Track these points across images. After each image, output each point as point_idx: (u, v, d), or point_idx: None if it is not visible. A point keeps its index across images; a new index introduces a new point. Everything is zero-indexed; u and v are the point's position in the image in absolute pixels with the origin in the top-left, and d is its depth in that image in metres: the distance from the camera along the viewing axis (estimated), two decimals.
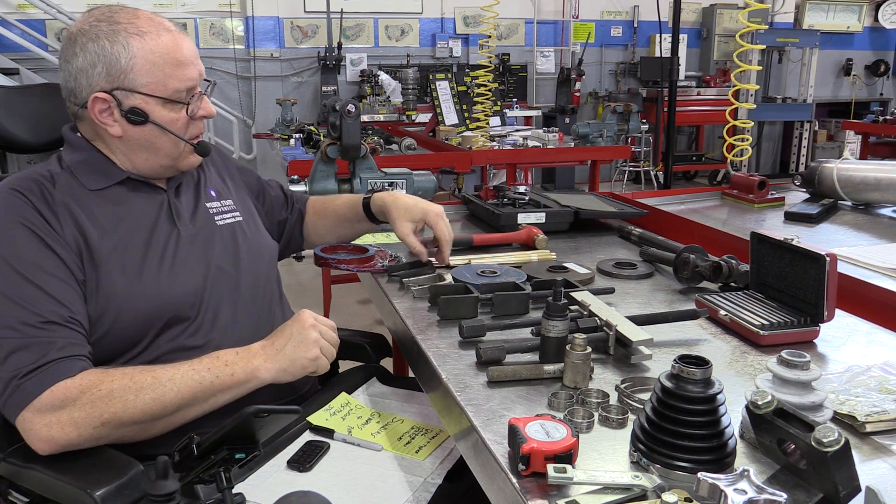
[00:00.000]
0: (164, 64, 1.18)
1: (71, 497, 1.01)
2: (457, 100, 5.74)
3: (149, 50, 1.18)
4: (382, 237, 1.80)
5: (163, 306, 1.17)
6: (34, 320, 1.06)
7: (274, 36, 7.29)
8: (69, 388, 1.04)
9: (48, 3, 6.12)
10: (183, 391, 1.08)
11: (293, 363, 1.13)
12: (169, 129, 1.21)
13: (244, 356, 1.12)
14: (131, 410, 1.05)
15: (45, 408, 1.02)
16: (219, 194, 1.39)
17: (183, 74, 1.20)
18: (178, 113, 1.22)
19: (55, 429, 1.03)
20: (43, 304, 1.07)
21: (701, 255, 1.42)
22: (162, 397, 1.06)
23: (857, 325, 1.24)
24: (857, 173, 2.13)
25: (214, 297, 1.24)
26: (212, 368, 1.10)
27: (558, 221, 1.88)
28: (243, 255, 1.32)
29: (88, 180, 1.21)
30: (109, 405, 1.04)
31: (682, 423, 0.77)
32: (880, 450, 0.84)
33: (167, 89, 1.19)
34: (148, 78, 1.18)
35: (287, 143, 4.48)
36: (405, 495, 1.10)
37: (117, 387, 1.05)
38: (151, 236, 1.22)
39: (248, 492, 1.08)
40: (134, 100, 1.18)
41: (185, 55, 1.21)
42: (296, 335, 1.14)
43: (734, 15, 8.21)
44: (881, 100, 8.84)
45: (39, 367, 1.03)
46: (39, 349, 1.05)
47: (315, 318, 1.16)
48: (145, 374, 1.08)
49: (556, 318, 1.03)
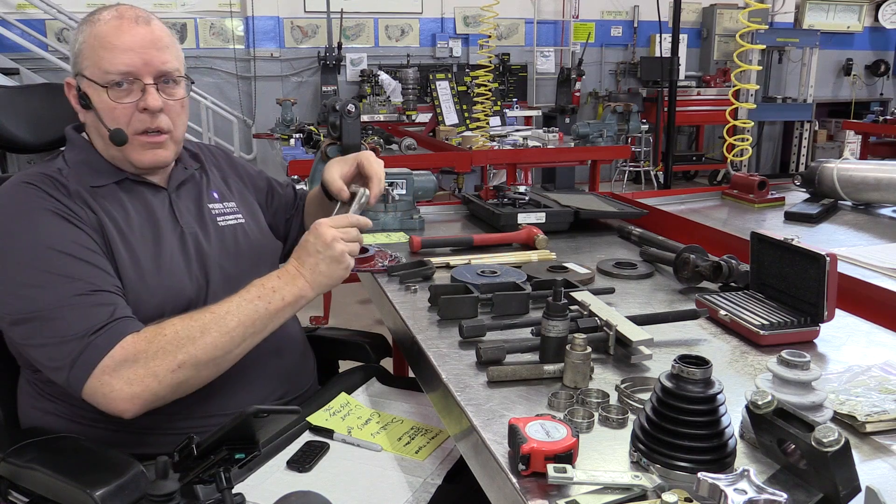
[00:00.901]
0: (99, 46, 1.19)
1: (71, 497, 1.01)
2: (457, 100, 5.74)
3: (91, 34, 1.20)
4: (382, 237, 1.80)
5: (164, 304, 1.18)
6: (89, 289, 1.09)
7: (274, 36, 7.29)
8: (137, 340, 1.06)
9: (48, 3, 6.12)
10: (244, 320, 1.12)
11: (331, 278, 1.19)
12: (99, 116, 1.21)
13: (287, 280, 1.17)
14: (202, 347, 1.08)
15: (119, 365, 1.04)
16: (221, 196, 1.39)
17: (114, 59, 1.18)
18: (117, 101, 1.20)
19: (136, 384, 1.04)
20: (95, 275, 1.11)
21: (701, 255, 1.42)
22: (226, 329, 1.10)
23: (857, 325, 1.24)
24: (857, 173, 2.13)
25: (214, 297, 1.24)
26: (262, 296, 1.14)
27: (558, 221, 1.88)
28: (244, 256, 1.33)
29: (89, 178, 1.23)
30: (181, 347, 1.07)
31: (682, 423, 0.77)
32: (880, 450, 0.84)
33: (100, 72, 1.19)
34: (88, 61, 1.21)
35: (287, 143, 4.48)
36: (405, 495, 1.10)
37: (181, 328, 1.08)
38: (154, 234, 1.23)
39: (248, 492, 1.08)
40: (83, 84, 1.22)
41: (123, 40, 1.19)
42: (324, 251, 1.17)
43: (734, 15, 8.22)
44: (881, 100, 8.84)
45: (107, 325, 1.06)
46: (102, 310, 1.07)
47: (334, 225, 1.19)
48: (203, 313, 1.12)
49: (556, 318, 1.03)
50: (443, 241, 1.70)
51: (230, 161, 1.51)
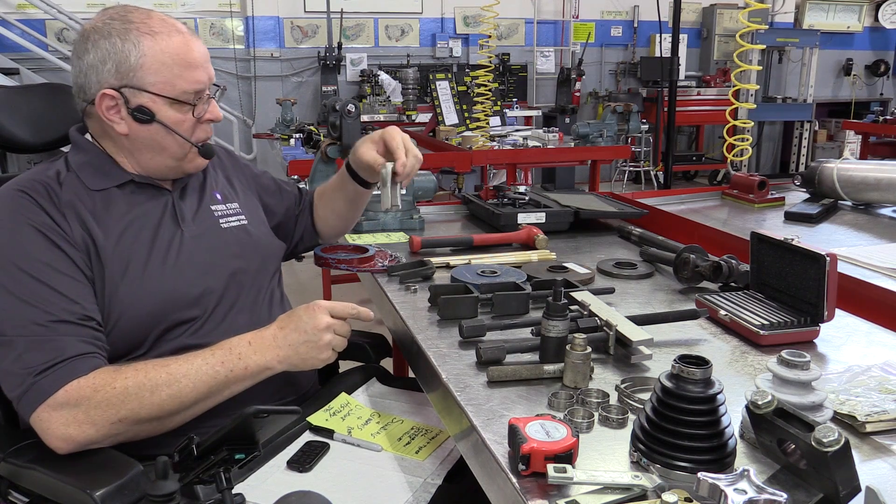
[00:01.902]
0: (174, 64, 1.19)
1: (71, 497, 1.01)
2: (457, 100, 5.74)
3: (159, 50, 1.18)
4: (382, 237, 1.80)
5: (165, 306, 1.18)
6: (46, 319, 1.07)
7: (274, 36, 7.29)
8: (82, 386, 1.04)
9: (48, 3, 6.11)
10: (199, 386, 1.09)
11: (304, 362, 1.15)
12: (174, 130, 1.21)
13: (258, 347, 1.13)
14: (147, 407, 1.06)
15: (59, 406, 1.03)
16: (224, 197, 1.39)
17: (192, 76, 1.20)
18: (184, 114, 1.22)
19: (72, 427, 1.03)
20: (55, 303, 1.08)
21: (701, 255, 1.42)
22: (178, 393, 1.08)
23: (857, 325, 1.24)
24: (857, 173, 2.13)
25: (216, 298, 1.24)
26: (225, 362, 1.11)
27: (558, 221, 1.88)
28: (247, 257, 1.33)
29: (92, 181, 1.22)
30: (125, 403, 1.05)
31: (682, 423, 0.77)
32: (880, 450, 0.84)
33: (175, 90, 1.19)
34: (157, 77, 1.18)
35: (287, 143, 4.48)
36: (405, 496, 1.10)
37: (131, 384, 1.06)
38: (155, 237, 1.22)
39: (248, 492, 1.08)
40: (141, 98, 1.19)
41: (195, 57, 1.21)
42: (310, 335, 1.14)
43: (734, 15, 8.21)
44: (881, 100, 8.83)
45: (54, 366, 1.04)
46: (53, 348, 1.05)
47: (330, 312, 1.16)
48: (159, 369, 1.08)
49: (556, 318, 1.03)
50: (443, 241, 1.70)
51: (234, 161, 1.51)
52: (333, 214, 1.61)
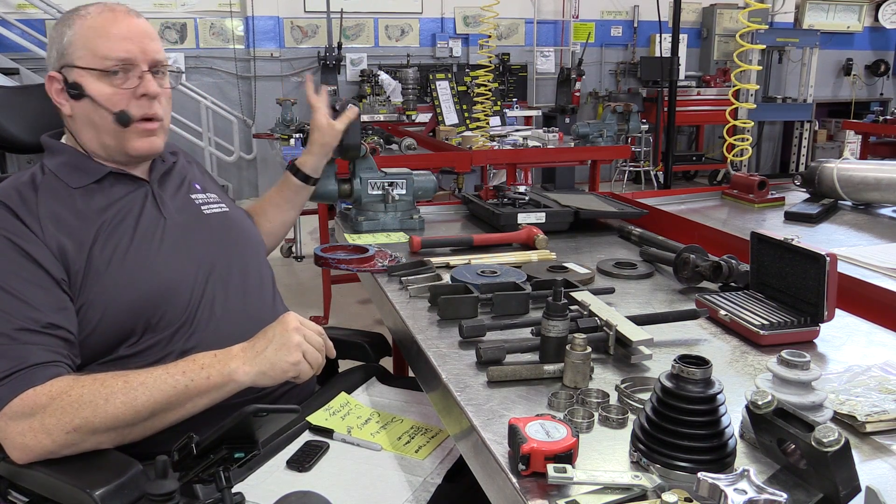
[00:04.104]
0: (96, 36, 1.22)
1: (70, 497, 1.01)
2: (457, 100, 5.74)
3: (87, 26, 1.23)
4: (382, 237, 1.80)
5: (151, 294, 1.17)
6: (8, 328, 1.06)
7: (274, 36, 7.29)
8: (38, 395, 1.03)
9: (48, 3, 6.11)
10: (156, 395, 1.06)
11: (273, 367, 1.09)
12: (98, 102, 1.22)
13: (221, 359, 1.10)
14: (101, 416, 1.04)
15: (16, 416, 1.02)
16: (203, 188, 1.42)
17: (113, 45, 1.22)
18: (112, 87, 1.23)
19: (28, 436, 1.02)
20: (17, 311, 1.07)
21: (701, 255, 1.42)
22: (133, 401, 1.05)
23: (857, 325, 1.24)
24: (857, 173, 2.13)
25: (201, 284, 1.24)
26: (186, 372, 1.08)
27: (558, 221, 1.88)
28: (232, 242, 1.34)
29: (71, 179, 1.23)
30: (79, 411, 1.03)
31: (682, 423, 0.77)
32: (880, 450, 0.84)
33: (96, 59, 1.22)
34: (83, 51, 1.22)
35: (287, 143, 4.47)
36: (405, 495, 1.10)
37: (87, 392, 1.04)
38: (137, 225, 1.23)
39: (248, 492, 1.08)
40: (73, 74, 1.23)
41: (119, 29, 1.23)
42: (277, 338, 1.10)
43: (734, 15, 8.22)
44: (881, 100, 8.84)
45: (11, 375, 1.03)
46: (14, 356, 1.04)
47: (300, 321, 1.14)
48: (117, 379, 1.06)
49: (556, 318, 1.03)
50: (443, 241, 1.70)
51: (203, 169, 1.54)
52: (280, 225, 1.67)
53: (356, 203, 1.87)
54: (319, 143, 1.65)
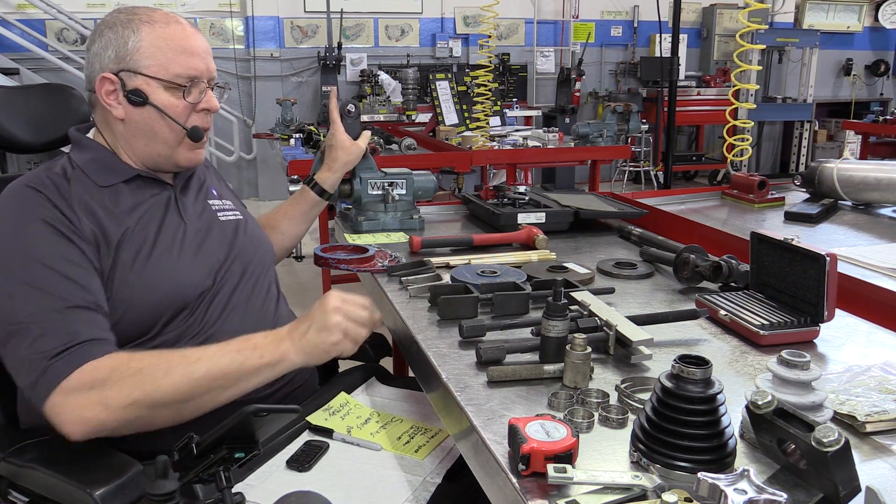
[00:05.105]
0: (168, 48, 1.23)
1: (71, 497, 1.01)
2: (457, 100, 5.74)
3: (157, 35, 1.23)
4: (382, 237, 1.80)
5: (171, 296, 1.20)
6: (60, 306, 1.08)
7: (274, 36, 7.29)
8: (98, 368, 1.05)
9: (48, 3, 6.12)
10: (213, 370, 1.08)
11: (315, 348, 1.12)
12: (167, 113, 1.24)
13: (273, 339, 1.13)
14: (162, 389, 1.06)
15: (74, 389, 1.03)
16: (219, 194, 1.44)
17: (186, 62, 1.24)
18: (178, 100, 1.25)
19: (86, 410, 1.03)
20: (68, 291, 1.10)
21: (701, 255, 1.42)
22: (191, 374, 1.07)
23: (857, 325, 1.24)
24: (857, 173, 2.13)
25: (216, 289, 1.27)
26: (241, 350, 1.11)
27: (558, 221, 1.88)
28: (245, 249, 1.36)
29: (99, 177, 1.25)
30: (139, 383, 1.05)
31: (682, 423, 0.77)
32: (880, 450, 0.84)
33: (168, 73, 1.23)
34: (151, 60, 1.22)
35: (287, 143, 4.48)
36: (404, 495, 1.10)
37: (146, 365, 1.07)
38: (160, 229, 1.25)
39: (248, 491, 1.08)
40: (137, 81, 1.23)
41: (191, 45, 1.25)
42: (318, 319, 1.13)
43: (734, 15, 8.21)
44: (881, 100, 8.84)
45: (68, 349, 1.05)
46: (68, 332, 1.06)
47: (342, 299, 1.15)
48: (174, 353, 1.10)
49: (556, 318, 1.03)
50: (443, 241, 1.70)
51: (219, 174, 1.56)
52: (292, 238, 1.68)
53: (356, 203, 1.86)
54: (343, 161, 1.69)
